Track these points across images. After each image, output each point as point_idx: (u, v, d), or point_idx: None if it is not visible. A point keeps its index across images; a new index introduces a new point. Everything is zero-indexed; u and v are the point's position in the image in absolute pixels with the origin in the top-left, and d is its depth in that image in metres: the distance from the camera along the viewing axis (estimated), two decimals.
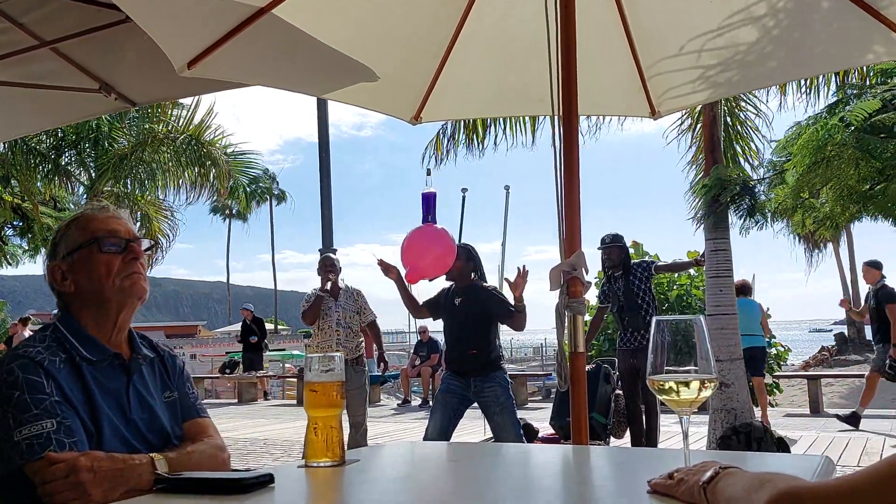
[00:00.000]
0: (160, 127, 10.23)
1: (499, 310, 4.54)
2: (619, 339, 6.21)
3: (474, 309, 4.52)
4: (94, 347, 1.49)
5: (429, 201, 4.13)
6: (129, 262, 1.55)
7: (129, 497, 1.26)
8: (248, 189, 10.85)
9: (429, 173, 4.25)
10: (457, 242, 4.52)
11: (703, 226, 6.66)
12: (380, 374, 11.60)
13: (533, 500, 1.12)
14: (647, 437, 6.00)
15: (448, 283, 4.69)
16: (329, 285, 5.73)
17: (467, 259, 4.57)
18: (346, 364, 5.70)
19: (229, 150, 10.75)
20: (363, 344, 5.98)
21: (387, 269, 4.62)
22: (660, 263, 6.79)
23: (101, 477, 1.29)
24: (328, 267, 5.83)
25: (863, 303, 8.36)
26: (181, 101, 10.02)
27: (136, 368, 1.55)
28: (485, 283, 4.70)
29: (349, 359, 5.64)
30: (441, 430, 4.45)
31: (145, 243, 1.61)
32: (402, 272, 4.41)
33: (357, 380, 5.65)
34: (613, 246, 6.12)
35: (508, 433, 4.38)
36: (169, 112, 10.23)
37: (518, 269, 4.31)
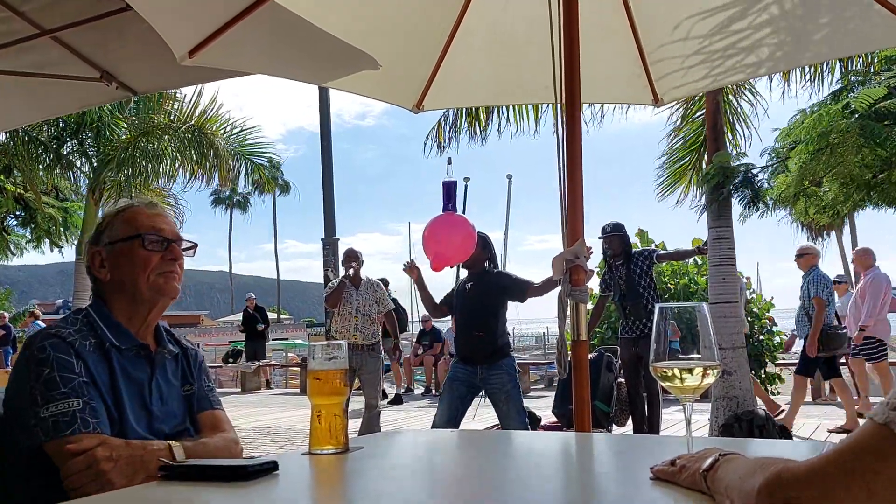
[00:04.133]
0: (162, 117, 10.21)
1: (509, 284, 4.63)
2: (621, 328, 6.21)
3: (482, 291, 4.58)
4: (123, 336, 1.52)
5: (450, 189, 4.17)
6: (167, 262, 1.58)
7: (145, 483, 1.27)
8: (262, 172, 10.84)
9: (449, 162, 4.28)
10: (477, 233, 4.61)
11: (706, 214, 6.65)
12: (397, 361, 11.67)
13: (536, 487, 1.12)
14: (648, 425, 6.02)
15: (463, 274, 4.81)
16: (351, 272, 6.20)
17: (483, 247, 4.64)
18: (363, 349, 6.08)
19: (237, 133, 10.73)
20: (379, 332, 6.31)
21: (411, 269, 4.82)
22: (661, 252, 6.79)
23: (122, 464, 1.33)
24: (350, 258, 6.32)
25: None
26: (182, 90, 10.00)
27: (161, 362, 1.58)
28: (496, 269, 4.77)
29: (365, 344, 6.07)
30: (448, 418, 4.48)
31: (186, 244, 1.65)
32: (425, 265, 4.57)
33: (372, 364, 6.09)
34: (614, 235, 6.12)
35: (513, 421, 4.42)
36: (171, 102, 10.20)
37: None
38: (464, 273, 4.82)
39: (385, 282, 6.50)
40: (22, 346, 1.47)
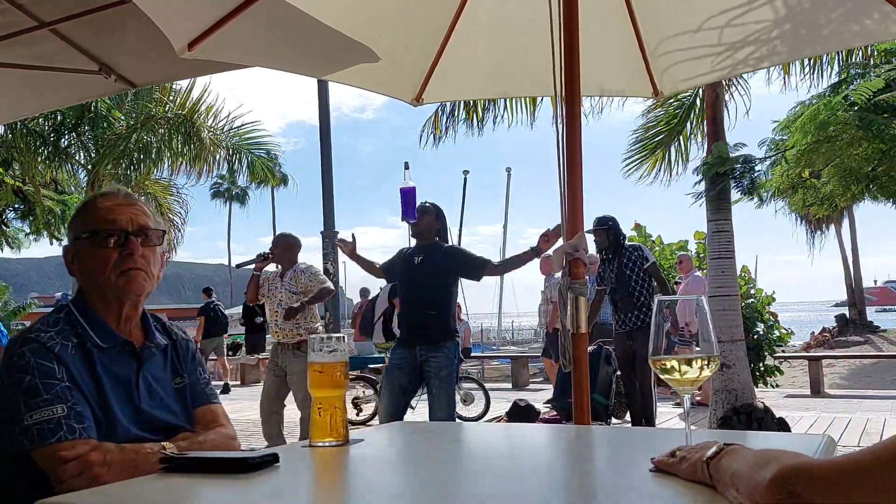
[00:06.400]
0: (157, 108, 10.21)
1: (464, 261, 4.40)
2: (614, 323, 6.20)
3: (435, 267, 4.31)
4: (106, 334, 1.47)
5: (407, 196, 3.96)
6: (126, 258, 1.48)
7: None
8: (264, 164, 10.85)
9: (406, 167, 4.01)
10: (427, 202, 4.46)
11: (704, 207, 6.65)
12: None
13: (537, 478, 1.13)
14: (644, 417, 6.03)
15: (407, 245, 4.61)
16: (257, 256, 5.46)
17: (436, 216, 4.45)
18: (287, 347, 5.20)
19: (237, 127, 10.75)
20: (313, 326, 5.38)
21: (343, 245, 4.61)
22: (653, 269, 6.55)
23: (115, 469, 1.30)
24: (273, 243, 5.55)
25: (864, 284, 8.43)
26: (177, 82, 10.00)
27: (148, 356, 1.52)
28: (448, 244, 4.57)
29: (289, 342, 5.20)
30: (391, 413, 4.21)
31: (153, 233, 1.54)
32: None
33: (297, 364, 5.06)
34: (598, 230, 6.14)
35: (441, 411, 4.14)
36: (167, 94, 10.20)
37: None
38: (407, 241, 4.66)
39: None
40: (2, 353, 1.42)
